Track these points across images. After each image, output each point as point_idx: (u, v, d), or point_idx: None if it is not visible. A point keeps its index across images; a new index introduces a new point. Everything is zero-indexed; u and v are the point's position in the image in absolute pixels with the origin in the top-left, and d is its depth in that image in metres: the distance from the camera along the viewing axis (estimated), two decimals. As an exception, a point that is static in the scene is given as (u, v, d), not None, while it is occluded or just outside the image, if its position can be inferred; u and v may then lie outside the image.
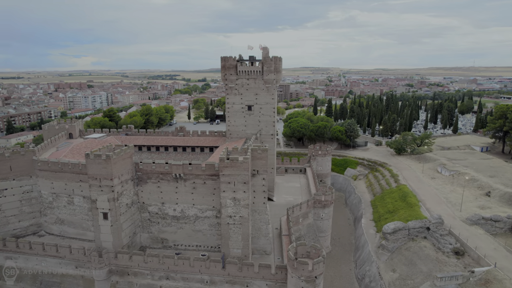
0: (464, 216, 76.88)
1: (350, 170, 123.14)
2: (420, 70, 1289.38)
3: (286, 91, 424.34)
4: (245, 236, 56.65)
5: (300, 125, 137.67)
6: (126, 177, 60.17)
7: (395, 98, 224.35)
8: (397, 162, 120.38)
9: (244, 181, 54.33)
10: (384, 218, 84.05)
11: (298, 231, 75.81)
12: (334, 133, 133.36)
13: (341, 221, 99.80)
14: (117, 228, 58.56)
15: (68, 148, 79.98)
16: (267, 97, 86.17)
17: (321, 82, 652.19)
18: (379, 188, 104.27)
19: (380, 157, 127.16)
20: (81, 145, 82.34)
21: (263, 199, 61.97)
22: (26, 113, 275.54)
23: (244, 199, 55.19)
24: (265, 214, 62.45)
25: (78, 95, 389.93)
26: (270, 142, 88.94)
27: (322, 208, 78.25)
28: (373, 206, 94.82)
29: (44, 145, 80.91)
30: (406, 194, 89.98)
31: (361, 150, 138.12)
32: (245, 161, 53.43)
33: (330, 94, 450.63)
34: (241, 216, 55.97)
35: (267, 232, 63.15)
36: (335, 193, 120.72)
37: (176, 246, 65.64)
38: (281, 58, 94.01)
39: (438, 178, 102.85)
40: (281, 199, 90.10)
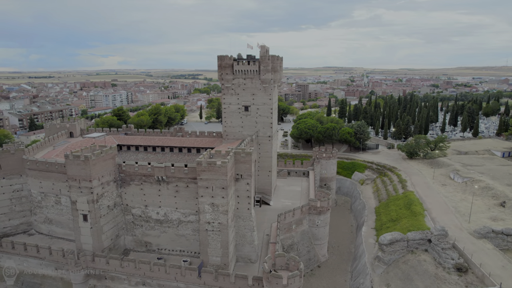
0: (472, 228, 70.95)
1: (357, 174, 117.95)
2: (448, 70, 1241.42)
3: (305, 91, 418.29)
4: (224, 243, 54.00)
5: (307, 126, 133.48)
6: (107, 179, 58.93)
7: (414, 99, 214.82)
8: (407, 166, 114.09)
9: (223, 186, 51.67)
10: (385, 227, 79.12)
11: (290, 238, 72.51)
12: (342, 135, 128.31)
13: (344, 228, 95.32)
14: (97, 230, 57.40)
15: (62, 147, 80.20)
16: (264, 97, 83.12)
17: (343, 82, 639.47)
18: (385, 194, 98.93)
19: (390, 161, 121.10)
20: (76, 144, 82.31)
21: (247, 204, 59.11)
22: (48, 111, 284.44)
23: (223, 205, 52.53)
24: (250, 221, 59.56)
25: (99, 93, 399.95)
26: (268, 144, 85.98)
27: (317, 214, 74.48)
28: (377, 213, 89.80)
29: (40, 144, 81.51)
30: (411, 201, 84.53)
31: (372, 153, 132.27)
32: (223, 166, 50.75)
33: (350, 94, 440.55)
34: (219, 222, 53.37)
35: (252, 239, 60.23)
36: (342, 198, 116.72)
37: (160, 250, 63.93)
38: (281, 57, 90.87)
39: (450, 185, 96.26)
40: (278, 203, 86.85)
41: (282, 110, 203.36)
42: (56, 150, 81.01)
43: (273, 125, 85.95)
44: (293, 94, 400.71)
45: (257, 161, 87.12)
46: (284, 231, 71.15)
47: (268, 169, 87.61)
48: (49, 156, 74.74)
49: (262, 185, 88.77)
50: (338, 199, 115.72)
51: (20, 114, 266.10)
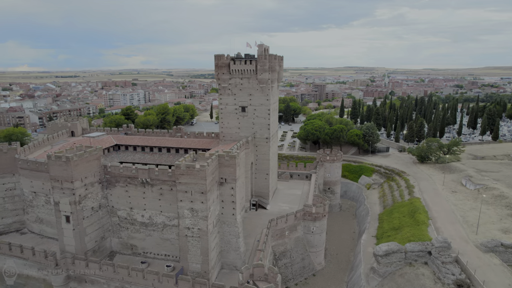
0: (479, 240, 65.82)
1: (364, 178, 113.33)
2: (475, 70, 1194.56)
3: (321, 91, 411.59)
4: (204, 250, 51.85)
5: (314, 128, 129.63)
6: (91, 180, 57.98)
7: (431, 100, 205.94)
8: (417, 171, 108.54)
9: (202, 191, 49.51)
10: (386, 236, 74.89)
11: (283, 245, 69.67)
12: (350, 137, 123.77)
13: (345, 234, 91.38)
14: (79, 232, 56.55)
15: (59, 146, 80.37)
16: (262, 97, 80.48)
17: (363, 82, 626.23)
18: (391, 200, 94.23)
19: (399, 165, 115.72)
20: (73, 143, 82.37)
21: (232, 210, 56.73)
22: (67, 109, 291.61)
23: (203, 211, 50.38)
24: (235, 227, 57.16)
25: (118, 93, 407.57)
26: (265, 146, 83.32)
27: (312, 221, 71.21)
28: (380, 221, 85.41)
29: (38, 143, 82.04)
30: (416, 209, 79.77)
31: (381, 156, 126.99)
32: (202, 169, 48.58)
33: (369, 94, 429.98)
34: (199, 228, 51.26)
35: (237, 246, 57.81)
36: (347, 203, 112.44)
37: (145, 253, 62.54)
38: (282, 56, 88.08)
39: (460, 192, 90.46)
40: (275, 208, 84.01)
41: (293, 110, 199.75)
42: (53, 149, 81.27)
43: (271, 126, 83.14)
44: (309, 94, 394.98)
45: (254, 163, 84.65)
46: (276, 237, 68.38)
47: (265, 172, 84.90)
48: (45, 155, 74.93)
49: (259, 188, 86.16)
50: (343, 203, 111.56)
51: (41, 112, 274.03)
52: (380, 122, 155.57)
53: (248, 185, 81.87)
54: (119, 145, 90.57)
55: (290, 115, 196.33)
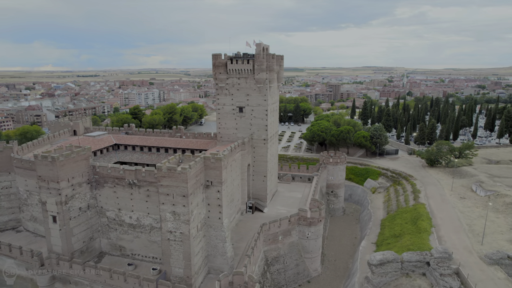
0: (484, 251, 61.90)
1: (370, 181, 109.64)
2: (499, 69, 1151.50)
3: (336, 91, 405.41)
4: (186, 255, 50.43)
5: (320, 129, 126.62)
6: (79, 180, 57.59)
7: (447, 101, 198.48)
8: (425, 175, 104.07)
9: (183, 194, 48.09)
10: (386, 243, 71.74)
11: (276, 250, 67.62)
12: (357, 139, 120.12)
13: (346, 240, 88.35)
14: (66, 232, 56.23)
15: (56, 145, 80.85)
16: (259, 98, 78.57)
17: (380, 82, 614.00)
18: (395, 205, 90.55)
19: (407, 168, 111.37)
20: (71, 143, 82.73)
21: (218, 214, 55.11)
22: (82, 108, 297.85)
23: (184, 214, 48.96)
24: (221, 231, 55.53)
25: (133, 92, 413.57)
26: (263, 148, 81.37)
27: (307, 226, 68.79)
28: (382, 227, 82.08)
29: (37, 142, 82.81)
30: (419, 215, 76.12)
31: (389, 159, 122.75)
32: (183, 172, 47.15)
33: (385, 95, 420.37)
34: (181, 232, 49.87)
35: (224, 251, 56.17)
36: (352, 207, 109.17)
37: (133, 255, 61.76)
38: (282, 55, 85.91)
39: (469, 199, 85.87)
40: (273, 211, 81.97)
41: (303, 110, 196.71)
42: (52, 147, 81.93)
43: (269, 127, 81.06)
44: (323, 94, 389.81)
45: (252, 165, 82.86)
46: (268, 242, 66.41)
47: (263, 174, 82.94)
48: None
49: (257, 190, 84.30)
50: (348, 207, 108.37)
51: (57, 110, 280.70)
52: (390, 124, 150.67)
53: (244, 187, 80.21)
54: (119, 145, 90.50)
55: (300, 116, 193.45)
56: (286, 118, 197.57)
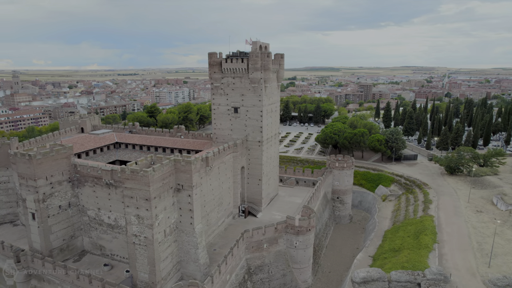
0: (490, 275, 54.90)
1: (381, 188, 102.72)
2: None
3: (368, 91, 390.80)
4: (151, 260, 48.73)
5: (333, 131, 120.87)
6: (59, 178, 57.87)
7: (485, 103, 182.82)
8: (442, 184, 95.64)
9: (146, 198, 46.38)
10: (383, 257, 66.08)
11: (260, 259, 64.39)
12: (371, 142, 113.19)
13: (347, 250, 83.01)
14: (44, 230, 56.71)
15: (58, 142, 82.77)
16: (254, 98, 75.57)
17: (417, 82, 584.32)
18: (403, 215, 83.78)
19: (424, 175, 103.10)
20: (72, 140, 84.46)
21: (190, 219, 52.90)
22: (113, 105, 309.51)
23: (148, 218, 47.27)
24: (193, 237, 53.29)
25: (164, 90, 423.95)
26: (257, 150, 78.29)
27: (295, 235, 64.80)
28: (384, 239, 76.06)
29: (42, 138, 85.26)
30: (424, 229, 69.50)
31: (406, 164, 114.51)
32: (145, 175, 45.42)
33: (421, 96, 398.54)
34: (145, 237, 48.24)
35: (196, 257, 53.90)
36: (361, 214, 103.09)
37: (112, 255, 61.28)
38: (281, 54, 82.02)
39: (487, 213, 77.38)
40: (267, 216, 78.70)
41: (324, 111, 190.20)
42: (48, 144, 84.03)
43: (265, 129, 77.73)
44: (354, 95, 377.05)
45: (247, 167, 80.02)
46: (251, 250, 63.31)
47: (258, 177, 79.80)
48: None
49: (252, 194, 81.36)
50: (357, 214, 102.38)
51: (89, 108, 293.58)
52: (413, 127, 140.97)
53: (237, 190, 77.61)
54: (120, 143, 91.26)
55: (321, 117, 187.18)
56: (306, 118, 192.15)
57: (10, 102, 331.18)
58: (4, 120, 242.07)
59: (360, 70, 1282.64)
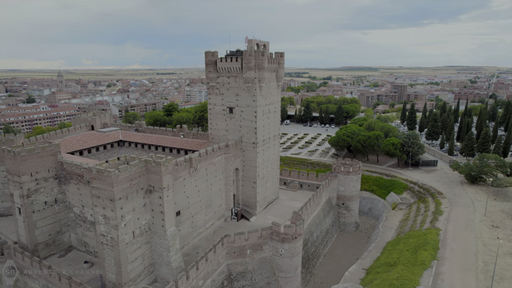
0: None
1: (393, 196, 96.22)
2: None
3: (402, 92, 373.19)
4: (117, 261, 48.13)
5: (346, 133, 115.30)
6: (44, 175, 59.18)
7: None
8: (459, 194, 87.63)
9: (110, 198, 45.78)
10: (375, 272, 61.28)
11: (243, 265, 62.07)
12: (385, 146, 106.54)
13: (345, 260, 78.32)
14: (28, 224, 58.26)
15: (62, 139, 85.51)
16: (248, 98, 73.32)
17: (460, 83, 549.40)
18: (410, 226, 77.60)
19: (441, 183, 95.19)
20: (76, 137, 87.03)
21: (161, 221, 51.77)
22: (143, 104, 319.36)
23: (113, 219, 46.66)
24: (165, 239, 52.13)
25: (194, 89, 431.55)
26: (252, 152, 76.02)
27: (280, 242, 61.72)
28: (384, 250, 70.75)
29: (49, 135, 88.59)
30: (425, 243, 63.61)
31: (424, 171, 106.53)
32: (108, 175, 44.80)
33: (463, 97, 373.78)
34: (111, 237, 47.71)
35: (168, 260, 52.71)
36: (369, 222, 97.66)
37: (95, 252, 61.67)
38: (281, 53, 79.10)
39: (504, 229, 69.51)
40: (261, 220, 76.19)
41: (346, 112, 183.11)
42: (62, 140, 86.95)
43: (260, 130, 75.17)
44: (387, 95, 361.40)
45: (241, 169, 77.94)
46: (233, 255, 61.12)
47: (252, 180, 77.43)
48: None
49: (246, 197, 79.19)
50: (364, 222, 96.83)
51: (120, 105, 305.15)
52: (437, 130, 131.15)
53: (229, 193, 75.72)
54: (124, 141, 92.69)
55: (342, 118, 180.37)
56: (327, 119, 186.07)
57: (52, 99, 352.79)
58: (43, 117, 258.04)
59: (399, 70, 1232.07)
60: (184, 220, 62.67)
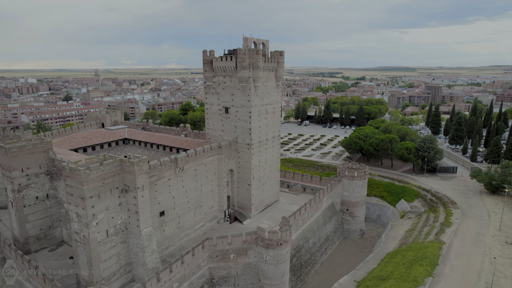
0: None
1: (403, 203, 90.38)
2: None
3: (436, 93, 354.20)
4: (89, 259, 48.18)
5: (359, 136, 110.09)
6: (36, 171, 60.80)
7: None
8: (475, 204, 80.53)
9: (81, 197, 45.84)
10: (365, 285, 57.34)
11: (226, 269, 60.48)
12: (398, 150, 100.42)
13: (343, 269, 74.13)
14: (19, 218, 60.09)
15: (68, 136, 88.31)
16: (243, 98, 71.58)
17: (505, 84, 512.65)
18: (414, 237, 72.27)
19: (457, 192, 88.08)
20: (82, 135, 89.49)
21: (136, 221, 51.30)
22: (170, 102, 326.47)
23: (84, 217, 46.72)
24: (140, 239, 51.61)
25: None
26: (246, 153, 74.23)
27: (265, 248, 59.39)
28: (381, 262, 66.22)
29: (58, 131, 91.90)
30: (423, 257, 58.75)
31: (441, 178, 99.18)
32: (78, 174, 44.85)
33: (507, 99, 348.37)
34: (83, 235, 47.82)
35: (144, 261, 52.16)
36: (377, 230, 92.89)
37: (83, 249, 62.67)
38: (281, 51, 76.67)
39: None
40: (254, 223, 74.14)
41: (367, 114, 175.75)
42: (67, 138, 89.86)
43: (254, 131, 73.12)
44: (419, 97, 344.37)
45: (236, 171, 76.30)
46: (216, 259, 59.64)
47: (247, 182, 75.54)
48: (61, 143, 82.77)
49: (241, 199, 77.48)
50: (371, 230, 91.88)
51: (148, 104, 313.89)
52: (461, 135, 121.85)
53: (223, 194, 74.28)
54: (129, 139, 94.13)
55: (364, 119, 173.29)
56: (348, 121, 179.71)
57: (86, 97, 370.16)
58: (75, 114, 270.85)
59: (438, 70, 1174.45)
60: (169, 221, 62.06)
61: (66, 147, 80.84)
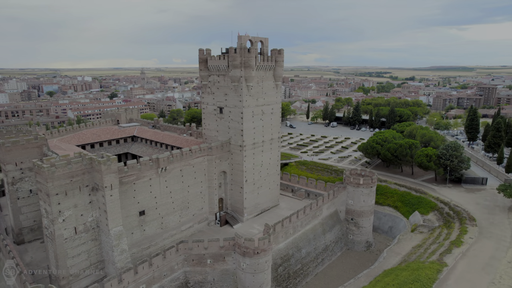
0: None
1: (416, 216, 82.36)
2: None
3: (489, 95, 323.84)
4: (55, 254, 48.91)
5: (377, 140, 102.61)
6: (29, 165, 63.06)
7: None
8: (499, 222, 70.97)
9: (47, 193, 46.57)
10: (346, 304, 52.41)
11: (202, 274, 58.88)
12: (418, 157, 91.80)
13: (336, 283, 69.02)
14: (13, 210, 63.12)
15: (78, 133, 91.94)
16: (235, 98, 69.41)
17: None
18: (418, 255, 65.21)
19: (480, 207, 78.33)
20: (92, 131, 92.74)
21: (105, 220, 51.24)
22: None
23: (51, 214, 47.44)
24: (109, 238, 51.51)
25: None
26: (239, 155, 71.96)
27: (242, 255, 56.77)
28: (373, 280, 60.43)
29: (73, 128, 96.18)
30: (416, 280, 52.76)
31: (466, 189, 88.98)
32: (42, 171, 45.55)
33: None
34: (51, 231, 48.62)
35: (113, 260, 52.02)
36: (388, 242, 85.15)
37: (70, 243, 64.40)
38: (280, 50, 73.46)
39: (535, 275, 53.64)
40: (246, 228, 71.86)
41: (399, 116, 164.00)
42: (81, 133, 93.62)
43: (246, 133, 70.52)
44: (469, 99, 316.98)
45: (230, 173, 74.24)
46: (192, 262, 58.15)
47: (239, 184, 73.15)
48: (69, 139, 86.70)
49: (234, 202, 75.36)
50: (381, 243, 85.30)
51: (185, 101, 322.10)
52: (498, 142, 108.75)
53: (213, 196, 72.59)
54: (137, 137, 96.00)
55: (394, 121, 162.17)
56: (377, 123, 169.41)
57: (129, 95, 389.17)
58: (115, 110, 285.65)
59: (501, 70, 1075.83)
60: (150, 220, 61.62)
61: (74, 143, 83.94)
